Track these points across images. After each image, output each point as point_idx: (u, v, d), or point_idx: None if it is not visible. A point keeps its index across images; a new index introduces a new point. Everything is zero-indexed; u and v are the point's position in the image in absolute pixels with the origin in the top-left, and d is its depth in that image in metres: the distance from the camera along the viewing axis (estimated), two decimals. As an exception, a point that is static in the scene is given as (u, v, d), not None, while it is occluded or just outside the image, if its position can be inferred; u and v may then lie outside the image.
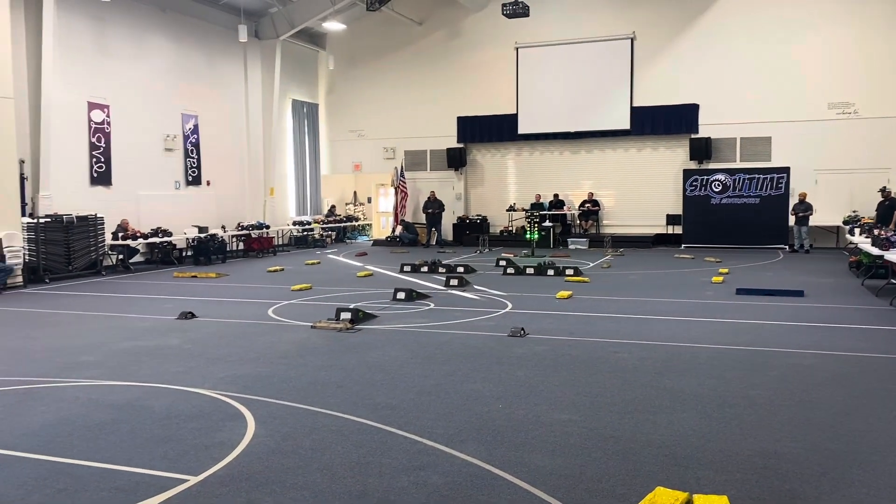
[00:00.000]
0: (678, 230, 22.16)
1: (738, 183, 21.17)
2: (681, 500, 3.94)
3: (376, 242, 25.02)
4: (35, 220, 14.95)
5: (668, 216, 22.56)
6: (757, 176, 21.00)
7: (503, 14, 20.53)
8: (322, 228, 24.95)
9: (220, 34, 21.76)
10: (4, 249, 13.79)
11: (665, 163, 22.84)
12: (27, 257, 14.49)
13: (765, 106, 21.28)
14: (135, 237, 17.41)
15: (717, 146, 21.96)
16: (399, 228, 24.59)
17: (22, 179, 15.23)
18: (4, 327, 10.00)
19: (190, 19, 20.71)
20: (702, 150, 21.83)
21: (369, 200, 28.12)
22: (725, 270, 15.14)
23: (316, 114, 26.53)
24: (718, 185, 21.37)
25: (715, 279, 13.88)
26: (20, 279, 14.13)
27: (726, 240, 20.99)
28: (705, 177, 21.52)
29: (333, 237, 25.51)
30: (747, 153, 21.77)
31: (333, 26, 24.47)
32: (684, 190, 21.74)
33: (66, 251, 15.36)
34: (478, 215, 24.71)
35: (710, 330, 9.12)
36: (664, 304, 11.29)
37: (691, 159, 22.17)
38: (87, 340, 8.93)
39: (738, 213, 21.06)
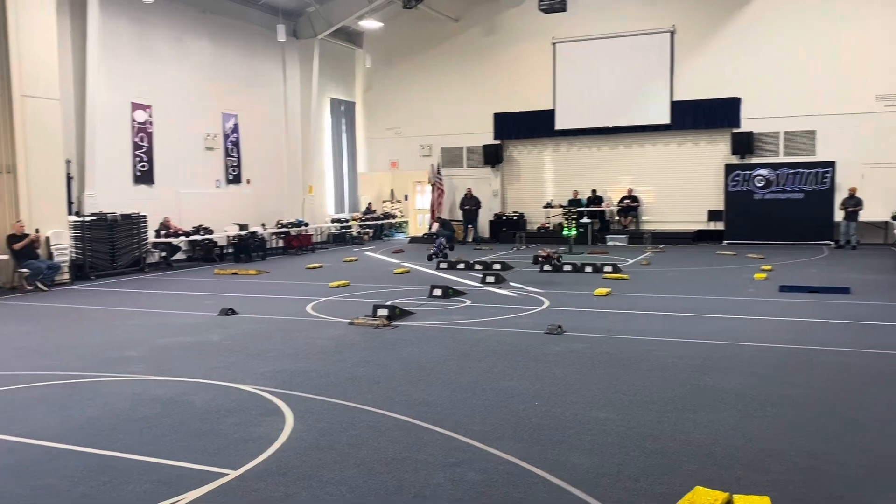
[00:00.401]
0: (720, 226, 21.80)
1: (782, 178, 20.76)
2: (720, 500, 3.87)
3: (413, 240, 25.10)
4: (81, 219, 15.34)
5: (709, 212, 22.20)
6: (801, 171, 20.56)
7: (540, 9, 20.42)
8: (359, 226, 25.13)
9: (259, 34, 22.03)
10: (52, 247, 14.18)
11: (706, 158, 22.45)
12: (74, 255, 14.87)
13: (809, 98, 20.76)
14: (177, 235, 17.75)
15: (760, 140, 21.52)
16: (436, 225, 24.60)
17: (68, 179, 15.62)
18: (52, 323, 10.28)
19: (229, 20, 21.00)
20: (744, 144, 21.43)
21: (406, 198, 28.22)
22: (768, 267, 14.85)
23: (353, 112, 26.71)
24: (761, 180, 20.96)
25: (758, 276, 13.61)
26: (67, 276, 14.50)
27: (770, 236, 20.58)
28: (748, 172, 21.15)
29: (371, 234, 25.67)
30: (791, 147, 21.28)
31: (370, 24, 24.61)
32: (726, 185, 21.39)
33: (111, 249, 15.72)
34: (514, 212, 24.63)
35: (752, 327, 8.94)
36: (705, 301, 11.11)
37: (733, 154, 21.78)
38: (131, 336, 9.13)
39: (782, 208, 20.64)
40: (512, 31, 24.31)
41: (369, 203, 27.04)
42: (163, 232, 17.52)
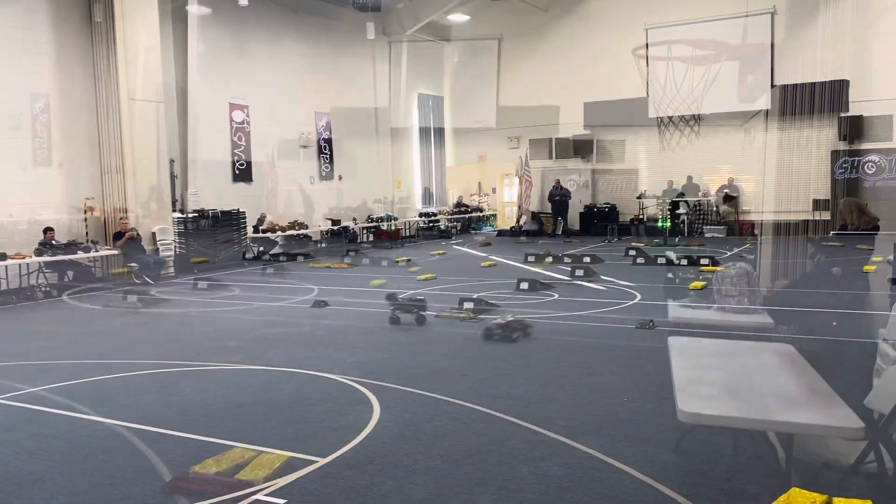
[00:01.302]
0: (826, 216, 20.66)
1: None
2: (818, 502, 3.67)
3: (501, 233, 25.03)
4: (184, 216, 16.11)
5: (814, 201, 21.07)
6: (917, 155, 19.25)
7: (631, -5, 19.91)
8: (447, 219, 25.26)
9: (349, 32, 22.44)
10: (158, 243, 14.96)
11: (810, 144, 21.30)
12: (177, 250, 15.64)
13: (926, 78, 19.37)
14: (273, 230, 18.38)
15: (870, 124, 20.22)
16: (524, 218, 24.46)
17: (172, 177, 16.42)
18: (159, 315, 10.85)
19: (321, 20, 21.51)
20: (853, 129, 20.22)
21: (494, 191, 28.15)
22: (879, 258, 13.94)
23: (441, 106, 26.86)
24: (872, 166, 19.75)
25: (867, 268, 12.81)
26: (172, 270, 15.26)
27: (882, 226, 19.28)
28: (857, 158, 19.96)
29: (458, 228, 25.76)
30: (906, 130, 19.94)
31: (458, 18, 24.65)
32: (832, 173, 20.27)
33: (212, 244, 16.44)
34: (606, 203, 24.14)
35: (859, 322, 8.43)
36: (808, 294, 10.55)
37: (840, 140, 20.59)
38: (231, 327, 9.52)
39: (896, 196, 19.38)
40: (602, 19, 23.79)
41: (459, 197, 27.15)
42: (260, 227, 18.18)
